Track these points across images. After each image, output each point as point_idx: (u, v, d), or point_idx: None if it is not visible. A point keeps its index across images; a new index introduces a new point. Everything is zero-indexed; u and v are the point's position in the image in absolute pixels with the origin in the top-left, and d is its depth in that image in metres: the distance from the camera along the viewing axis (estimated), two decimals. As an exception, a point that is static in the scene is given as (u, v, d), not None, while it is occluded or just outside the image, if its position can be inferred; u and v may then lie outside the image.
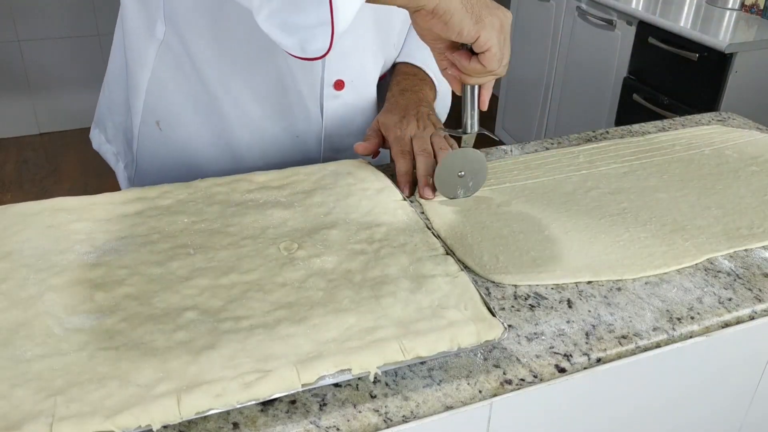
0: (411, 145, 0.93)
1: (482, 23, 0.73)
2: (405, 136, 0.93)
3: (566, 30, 2.69)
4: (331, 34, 0.66)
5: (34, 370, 0.57)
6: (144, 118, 1.00)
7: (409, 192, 0.90)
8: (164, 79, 0.96)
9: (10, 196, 2.81)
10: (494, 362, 0.65)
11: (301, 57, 0.69)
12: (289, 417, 0.58)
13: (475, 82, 0.83)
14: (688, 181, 0.97)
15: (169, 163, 1.02)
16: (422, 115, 0.97)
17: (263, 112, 0.98)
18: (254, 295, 0.68)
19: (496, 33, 0.75)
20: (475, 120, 0.86)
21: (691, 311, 0.73)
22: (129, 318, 0.64)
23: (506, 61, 0.78)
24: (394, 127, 0.94)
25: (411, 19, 0.76)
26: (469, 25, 0.73)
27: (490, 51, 0.75)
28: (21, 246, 0.73)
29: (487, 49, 0.75)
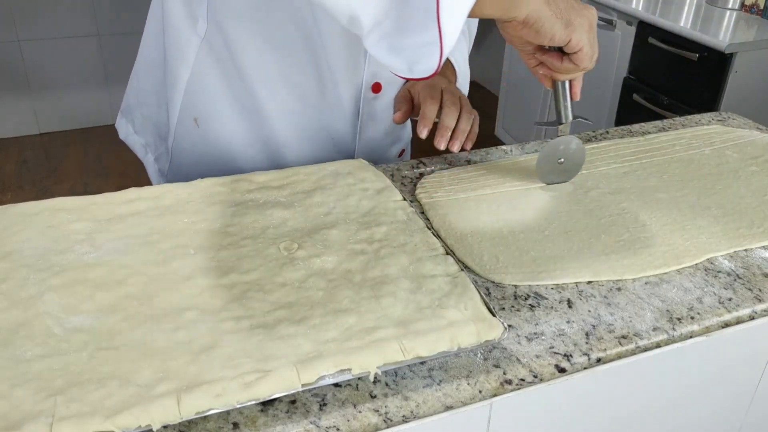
0: (441, 94, 0.94)
1: (572, 26, 0.75)
2: (437, 86, 0.95)
3: (566, 30, 2.69)
4: (440, 53, 0.67)
5: (34, 370, 0.58)
6: (182, 114, 1.00)
7: (426, 134, 0.91)
8: (204, 75, 0.96)
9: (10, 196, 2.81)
10: (494, 362, 0.65)
11: (408, 77, 0.71)
12: (289, 417, 0.58)
13: (566, 78, 0.86)
14: (688, 181, 0.97)
15: (205, 159, 1.02)
16: (452, 87, 0.98)
17: (302, 112, 0.99)
18: (254, 295, 0.68)
19: (586, 33, 0.77)
20: (569, 110, 0.90)
21: (691, 311, 0.73)
22: (129, 318, 0.64)
23: (596, 57, 0.80)
24: (425, 84, 0.96)
25: (499, 27, 0.78)
26: (560, 30, 0.74)
27: (582, 51, 0.78)
28: (21, 246, 0.73)
29: (579, 49, 0.77)
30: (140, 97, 1.09)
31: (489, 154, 1.04)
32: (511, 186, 0.94)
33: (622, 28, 2.38)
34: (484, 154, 1.04)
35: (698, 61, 2.08)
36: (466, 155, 1.04)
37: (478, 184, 0.94)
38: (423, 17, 0.65)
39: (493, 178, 0.96)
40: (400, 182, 0.95)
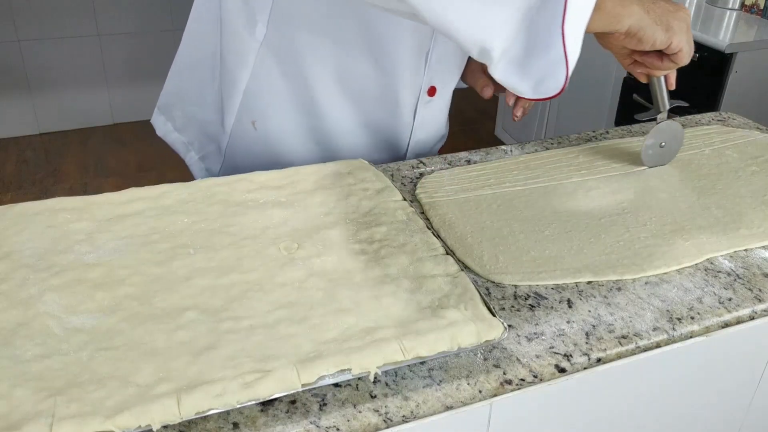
0: None
1: (672, 30, 0.78)
2: None
3: (566, 30, 2.69)
4: (566, 70, 0.70)
5: (34, 370, 0.58)
6: (239, 116, 1.01)
7: (520, 116, 0.97)
8: (264, 78, 0.97)
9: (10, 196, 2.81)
10: (494, 362, 0.65)
11: (533, 98, 0.74)
12: (289, 417, 0.58)
13: (663, 74, 0.90)
14: (688, 181, 0.97)
15: (261, 159, 1.03)
16: None
17: (360, 113, 1.00)
18: (254, 295, 0.68)
19: (684, 35, 0.80)
20: (666, 99, 0.99)
21: (691, 311, 0.73)
22: (129, 318, 0.64)
23: (692, 52, 0.83)
24: None
25: (598, 38, 0.80)
26: (662, 36, 0.78)
27: (681, 51, 0.81)
28: (21, 246, 0.73)
29: (679, 50, 0.81)
30: (182, 96, 1.10)
31: (489, 154, 1.04)
32: (511, 186, 0.94)
33: (622, 28, 2.38)
34: (484, 154, 1.04)
35: (698, 61, 2.08)
36: (467, 155, 1.04)
37: (478, 184, 0.94)
38: (548, 38, 0.68)
39: (493, 178, 0.96)
40: (400, 182, 0.95)
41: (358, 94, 0.99)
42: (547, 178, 0.96)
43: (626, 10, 0.75)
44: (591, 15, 0.70)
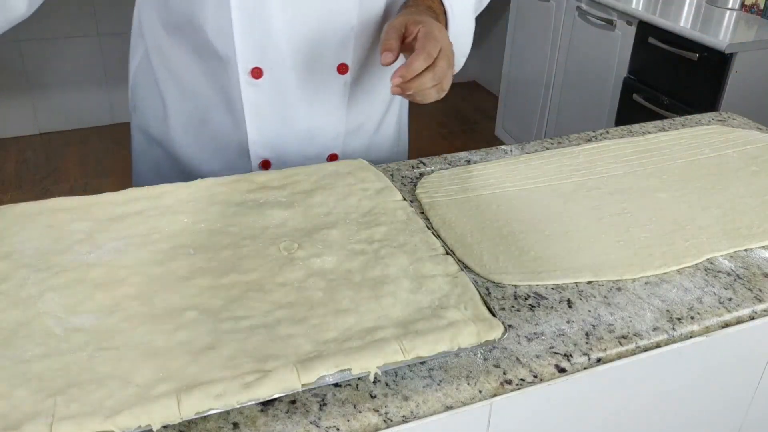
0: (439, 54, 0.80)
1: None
2: (438, 38, 0.80)
3: (566, 30, 2.69)
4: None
5: (34, 370, 0.57)
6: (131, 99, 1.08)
7: (398, 84, 0.76)
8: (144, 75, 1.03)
9: (10, 196, 2.80)
10: (494, 362, 0.65)
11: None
12: (289, 417, 0.58)
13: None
14: (688, 182, 0.97)
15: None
16: (449, 48, 0.84)
17: (191, 107, 1.00)
18: (254, 295, 0.67)
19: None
20: None
21: (691, 311, 0.73)
22: (129, 318, 0.64)
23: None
24: (427, 31, 0.80)
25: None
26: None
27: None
28: (21, 246, 0.73)
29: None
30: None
31: (489, 154, 1.04)
32: (511, 186, 0.94)
33: (622, 28, 2.38)
34: (484, 154, 1.04)
35: (698, 61, 2.08)
36: (467, 155, 1.04)
37: (478, 184, 0.94)
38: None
39: (494, 178, 0.96)
40: (400, 182, 0.95)
41: (186, 82, 0.97)
42: (547, 178, 0.96)
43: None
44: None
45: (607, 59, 2.47)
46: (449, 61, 0.80)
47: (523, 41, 3.01)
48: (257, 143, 0.96)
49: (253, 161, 0.97)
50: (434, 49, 0.77)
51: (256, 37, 0.89)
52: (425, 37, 0.78)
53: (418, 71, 0.76)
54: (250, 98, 0.93)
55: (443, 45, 0.79)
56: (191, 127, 1.00)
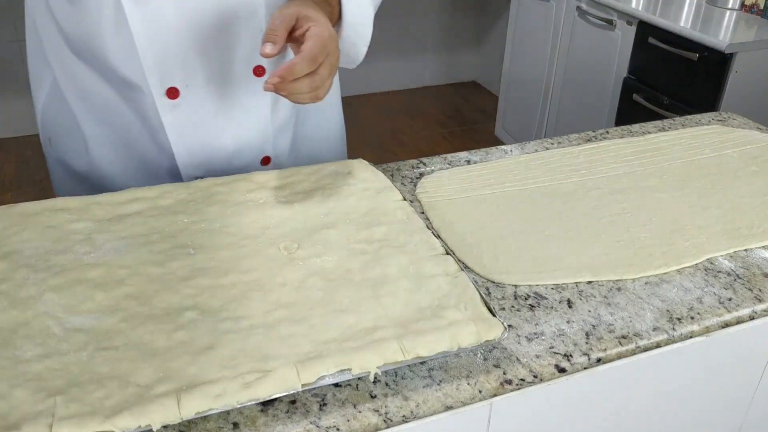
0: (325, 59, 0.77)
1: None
2: (331, 39, 0.77)
3: (566, 30, 2.69)
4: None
5: (33, 370, 0.57)
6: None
7: (274, 82, 0.73)
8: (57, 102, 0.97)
9: (10, 196, 2.80)
10: (494, 362, 0.65)
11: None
12: (289, 417, 0.58)
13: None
14: (688, 182, 0.97)
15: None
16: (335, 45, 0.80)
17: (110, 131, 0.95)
18: (254, 295, 0.67)
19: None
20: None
21: (691, 311, 0.73)
22: (129, 318, 0.64)
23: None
24: (318, 33, 0.76)
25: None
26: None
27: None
28: (21, 246, 0.72)
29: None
30: None
31: (489, 154, 1.04)
32: (511, 186, 0.94)
33: (622, 28, 2.38)
34: (484, 154, 1.04)
35: (698, 61, 2.08)
36: (467, 155, 1.04)
37: (478, 184, 0.94)
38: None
39: (494, 178, 0.96)
40: (400, 182, 0.95)
41: (102, 107, 0.92)
42: (547, 178, 0.96)
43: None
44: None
45: (607, 59, 2.47)
46: (332, 69, 0.78)
47: (523, 41, 3.01)
48: (186, 164, 0.92)
49: (186, 182, 0.92)
50: (321, 55, 0.75)
51: (161, 55, 0.84)
52: (314, 39, 0.75)
53: (299, 75, 0.73)
54: (171, 121, 0.88)
55: (330, 50, 0.76)
56: (117, 157, 0.95)
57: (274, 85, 0.72)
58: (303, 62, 0.73)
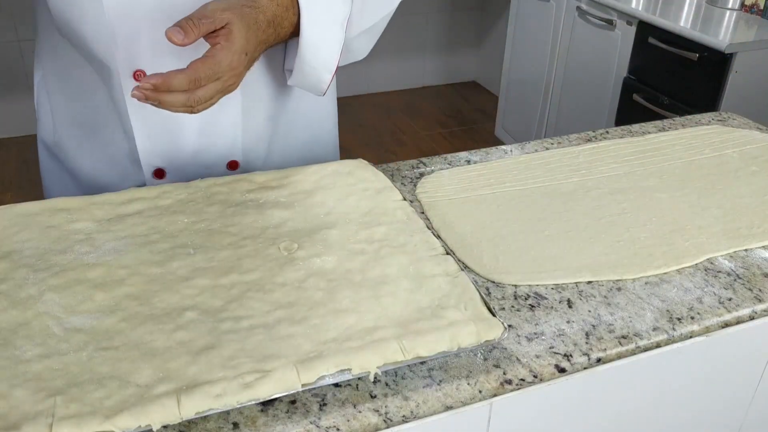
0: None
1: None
2: (248, 43, 0.73)
3: (566, 30, 2.69)
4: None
5: (33, 370, 0.57)
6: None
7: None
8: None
9: (10, 196, 2.80)
10: (494, 362, 0.65)
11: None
12: (289, 417, 0.58)
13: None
14: (688, 182, 0.97)
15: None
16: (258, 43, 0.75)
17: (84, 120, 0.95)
18: (254, 295, 0.67)
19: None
20: None
21: (691, 311, 0.73)
22: (129, 318, 0.64)
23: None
24: (241, 38, 0.72)
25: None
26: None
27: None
28: (21, 246, 0.73)
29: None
30: None
31: (489, 154, 1.04)
32: (511, 186, 0.94)
33: (622, 28, 2.38)
34: (484, 154, 1.04)
35: (698, 61, 2.08)
36: (467, 155, 1.04)
37: (478, 184, 0.94)
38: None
39: (494, 178, 0.96)
40: (400, 182, 0.95)
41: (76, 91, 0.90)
42: (547, 178, 0.96)
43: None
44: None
45: (607, 59, 2.47)
46: (218, 92, 0.73)
47: (523, 41, 3.01)
48: (148, 151, 0.89)
49: (145, 170, 0.90)
50: (206, 79, 0.69)
51: (131, 36, 0.80)
52: (209, 62, 0.69)
53: (174, 90, 0.68)
54: (135, 103, 0.83)
55: (224, 77, 0.71)
56: (81, 134, 0.94)
57: (143, 93, 0.67)
58: (183, 79, 0.68)
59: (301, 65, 0.83)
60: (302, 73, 0.85)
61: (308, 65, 0.83)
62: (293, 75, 0.86)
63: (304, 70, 0.84)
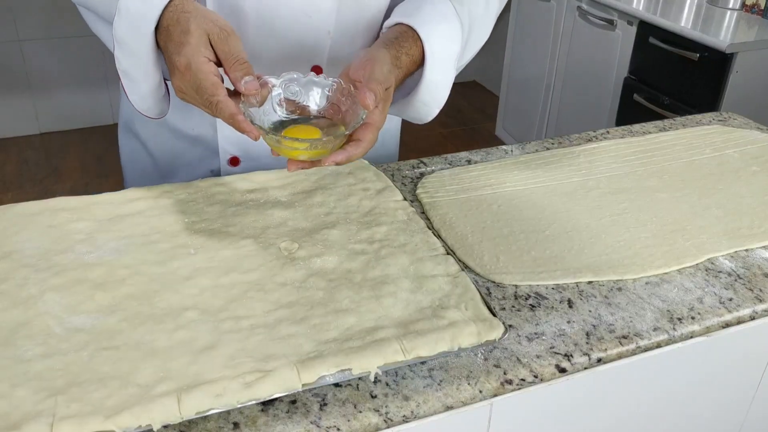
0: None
1: None
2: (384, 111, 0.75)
3: (567, 30, 2.69)
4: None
5: (34, 369, 0.57)
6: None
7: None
8: None
9: (11, 196, 2.80)
10: (495, 362, 0.65)
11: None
12: (289, 417, 0.58)
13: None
14: (688, 181, 0.97)
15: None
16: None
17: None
18: (255, 294, 0.68)
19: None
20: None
21: (691, 311, 0.73)
22: (129, 318, 0.64)
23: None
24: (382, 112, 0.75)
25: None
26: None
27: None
28: (22, 246, 0.73)
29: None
30: None
31: (489, 154, 1.04)
32: (511, 186, 0.94)
33: (622, 28, 2.38)
34: (484, 154, 1.04)
35: (699, 61, 2.08)
36: (467, 155, 1.04)
37: (478, 184, 0.94)
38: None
39: (494, 177, 0.96)
40: (400, 182, 0.95)
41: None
42: (547, 177, 0.96)
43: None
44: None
45: (608, 59, 2.47)
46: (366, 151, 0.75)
47: (524, 41, 3.01)
48: (227, 139, 0.94)
49: (222, 157, 0.95)
50: (373, 142, 0.73)
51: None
52: (374, 132, 0.72)
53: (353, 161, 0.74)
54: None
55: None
56: (166, 120, 0.94)
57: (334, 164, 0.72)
58: (362, 152, 0.72)
59: (412, 101, 0.85)
60: (411, 106, 0.86)
61: (421, 102, 0.85)
62: (397, 105, 0.87)
63: (416, 105, 0.86)
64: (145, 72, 0.76)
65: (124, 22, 0.73)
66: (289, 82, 0.74)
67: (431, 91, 0.84)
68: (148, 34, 0.72)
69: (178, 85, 0.71)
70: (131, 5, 0.72)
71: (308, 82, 0.75)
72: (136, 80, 0.77)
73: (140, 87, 0.78)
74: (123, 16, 0.72)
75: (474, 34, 0.91)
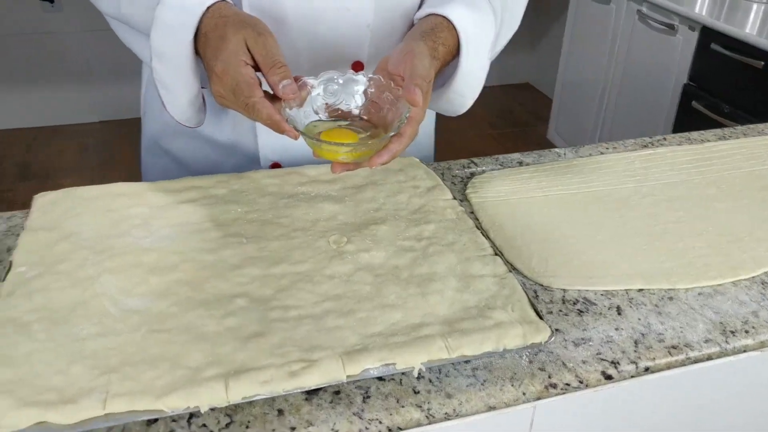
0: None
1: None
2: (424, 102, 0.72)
3: (625, 33, 2.64)
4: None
5: (89, 348, 0.60)
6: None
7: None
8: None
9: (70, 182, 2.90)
10: (539, 365, 0.64)
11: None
12: (332, 407, 0.59)
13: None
14: (747, 192, 0.94)
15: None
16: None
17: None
18: (303, 286, 0.68)
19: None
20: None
21: (745, 325, 0.71)
22: (180, 302, 0.66)
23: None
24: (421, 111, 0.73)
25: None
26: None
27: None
28: (80, 228, 0.75)
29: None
30: None
31: (542, 156, 1.03)
32: (563, 189, 0.93)
33: (683, 33, 2.32)
34: (536, 156, 1.03)
35: (764, 69, 2.01)
36: (519, 157, 1.03)
37: (529, 186, 0.93)
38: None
39: (546, 180, 0.95)
40: (450, 181, 0.95)
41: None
42: (601, 182, 0.95)
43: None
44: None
45: (667, 65, 2.42)
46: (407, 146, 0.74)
47: (581, 44, 2.96)
48: (267, 146, 0.93)
49: (263, 163, 0.95)
50: (414, 136, 0.72)
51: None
52: (415, 127, 0.71)
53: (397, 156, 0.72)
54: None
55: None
56: (201, 130, 0.95)
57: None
58: (404, 148, 0.71)
59: (446, 92, 0.84)
60: (445, 99, 0.85)
61: (456, 93, 0.84)
62: (432, 98, 0.84)
63: (450, 96, 0.84)
64: (184, 81, 0.76)
65: (162, 32, 0.73)
66: (327, 82, 0.74)
67: (468, 82, 0.82)
68: (187, 43, 0.72)
69: (217, 90, 0.71)
70: (168, 15, 0.72)
71: (347, 80, 0.74)
72: (174, 90, 0.78)
73: (179, 97, 0.78)
74: (160, 26, 0.73)
75: (506, 23, 0.90)
